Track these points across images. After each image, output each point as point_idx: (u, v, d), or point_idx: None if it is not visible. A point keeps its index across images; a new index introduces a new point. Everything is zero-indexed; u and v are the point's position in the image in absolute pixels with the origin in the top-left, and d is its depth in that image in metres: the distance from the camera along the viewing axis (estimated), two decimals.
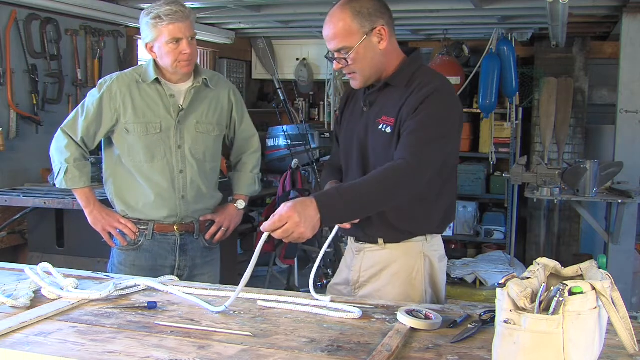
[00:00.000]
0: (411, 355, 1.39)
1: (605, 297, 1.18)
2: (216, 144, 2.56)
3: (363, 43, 1.86)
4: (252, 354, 1.36)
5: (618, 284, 1.24)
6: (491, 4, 4.43)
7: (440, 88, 1.86)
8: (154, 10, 2.32)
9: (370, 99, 1.98)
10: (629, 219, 4.19)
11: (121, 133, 2.42)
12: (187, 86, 2.46)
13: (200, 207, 2.52)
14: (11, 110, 3.87)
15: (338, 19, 1.86)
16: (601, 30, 5.65)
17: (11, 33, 3.87)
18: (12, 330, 1.48)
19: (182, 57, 2.35)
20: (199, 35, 5.62)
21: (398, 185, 1.75)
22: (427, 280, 2.00)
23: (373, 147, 1.95)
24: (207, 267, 2.56)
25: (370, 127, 1.96)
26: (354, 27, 1.85)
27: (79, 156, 2.44)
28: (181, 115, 2.43)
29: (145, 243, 2.46)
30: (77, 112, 2.44)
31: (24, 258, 3.76)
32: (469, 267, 4.98)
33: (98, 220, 2.48)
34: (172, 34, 2.31)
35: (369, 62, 1.90)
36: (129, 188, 2.46)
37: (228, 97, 2.58)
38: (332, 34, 1.88)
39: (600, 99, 6.05)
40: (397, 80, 1.93)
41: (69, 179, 2.43)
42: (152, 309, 1.67)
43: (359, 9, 1.85)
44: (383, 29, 1.88)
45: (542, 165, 4.27)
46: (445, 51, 5.82)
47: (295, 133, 5.65)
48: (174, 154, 2.43)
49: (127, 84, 2.42)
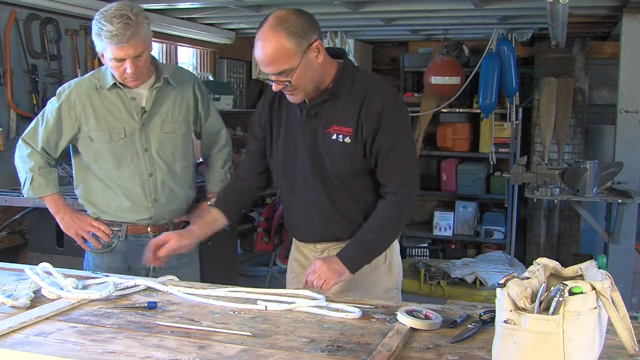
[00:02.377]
0: (411, 355, 1.39)
1: (605, 297, 1.18)
2: (185, 142, 2.49)
3: (302, 62, 1.83)
4: (252, 354, 1.36)
5: (618, 284, 1.24)
6: (491, 4, 4.43)
7: (389, 96, 1.97)
8: (98, 24, 2.19)
9: (314, 110, 1.97)
10: (629, 219, 4.18)
11: (85, 141, 2.37)
12: (148, 87, 2.38)
13: (173, 208, 2.49)
14: (11, 110, 3.87)
15: (273, 43, 1.81)
16: (601, 30, 5.65)
17: (11, 33, 3.87)
18: (12, 330, 1.48)
19: (127, 76, 2.26)
20: (198, 35, 5.64)
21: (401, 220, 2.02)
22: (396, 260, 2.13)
23: (331, 156, 1.97)
24: (183, 268, 2.49)
25: (321, 138, 1.97)
26: (292, 47, 1.81)
27: (44, 164, 2.39)
28: (145, 118, 2.37)
29: (118, 245, 2.43)
30: (38, 121, 2.39)
31: (24, 258, 3.76)
32: (469, 267, 4.98)
33: (70, 225, 2.44)
34: (114, 54, 2.20)
35: (309, 79, 1.89)
36: (100, 193, 2.42)
37: (193, 92, 2.50)
38: (269, 59, 1.83)
39: (600, 99, 6.04)
40: (340, 90, 1.95)
41: (36, 188, 2.39)
42: (152, 309, 1.67)
43: (292, 28, 1.81)
44: (319, 44, 1.87)
45: (542, 165, 4.27)
46: (445, 51, 5.82)
47: None
48: (141, 157, 2.38)
49: (86, 91, 2.35)
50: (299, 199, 2.08)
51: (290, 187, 2.09)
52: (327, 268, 1.90)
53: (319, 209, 2.04)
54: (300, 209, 2.10)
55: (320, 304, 1.69)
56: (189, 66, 6.17)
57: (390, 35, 6.36)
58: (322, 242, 2.11)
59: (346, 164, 1.97)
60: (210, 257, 4.13)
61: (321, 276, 1.88)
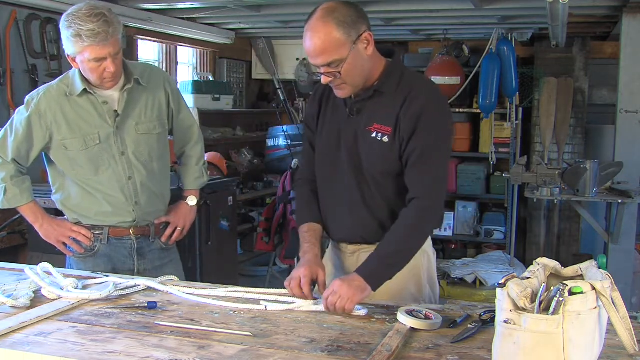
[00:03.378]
0: (411, 355, 1.39)
1: (605, 297, 1.18)
2: (160, 141, 2.46)
3: (352, 53, 1.81)
4: (252, 354, 1.37)
5: (618, 284, 1.24)
6: (491, 4, 4.43)
7: (432, 97, 1.90)
8: (74, 25, 2.12)
9: (358, 106, 1.95)
10: (629, 219, 4.18)
11: (59, 150, 2.32)
12: (119, 89, 2.32)
13: (154, 210, 2.46)
14: (11, 110, 3.86)
15: (323, 33, 1.79)
16: (601, 30, 5.65)
17: (11, 33, 3.87)
18: (12, 330, 1.48)
19: (106, 75, 2.21)
20: (198, 35, 5.64)
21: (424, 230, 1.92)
22: (426, 275, 2.02)
23: (367, 154, 1.94)
24: (167, 268, 2.46)
25: (361, 135, 1.94)
26: (341, 38, 1.79)
27: (16, 173, 2.33)
28: (118, 121, 2.32)
29: (101, 248, 2.39)
30: (7, 131, 2.33)
31: (24, 258, 3.76)
32: (469, 267, 4.98)
33: (50, 232, 2.41)
34: (95, 54, 2.14)
35: (359, 71, 1.86)
36: (80, 199, 2.38)
37: (164, 89, 2.45)
38: (319, 49, 1.80)
39: (600, 99, 6.04)
40: (385, 87, 1.92)
41: (10, 198, 2.34)
42: (152, 309, 1.67)
43: (342, 18, 1.79)
44: (369, 34, 1.84)
45: (542, 165, 4.27)
46: (445, 51, 5.82)
47: (295, 133, 5.65)
48: (119, 161, 2.34)
49: (56, 99, 2.30)
50: (332, 193, 2.06)
51: (327, 181, 2.07)
52: (347, 286, 1.74)
53: (350, 206, 2.00)
54: (332, 204, 2.06)
55: (320, 304, 1.69)
56: (189, 66, 6.17)
57: (390, 35, 6.36)
58: (352, 242, 2.04)
59: (381, 163, 1.92)
60: (210, 257, 4.14)
61: (343, 296, 1.72)
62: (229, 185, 4.49)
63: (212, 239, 4.13)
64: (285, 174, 5.01)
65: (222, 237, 4.28)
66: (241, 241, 5.66)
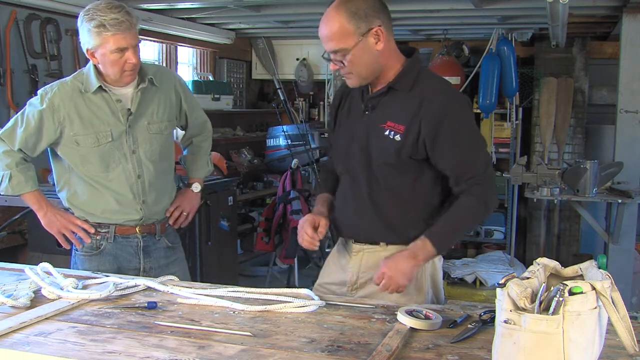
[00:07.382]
0: (411, 355, 1.39)
1: (605, 297, 1.18)
2: (168, 140, 2.49)
3: (359, 45, 1.83)
4: (252, 354, 1.36)
5: (618, 284, 1.24)
6: (491, 4, 4.43)
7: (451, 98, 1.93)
8: (96, 17, 2.18)
9: (373, 102, 1.97)
10: (629, 219, 4.19)
11: (70, 145, 2.32)
12: (133, 88, 2.35)
13: (160, 208, 2.48)
14: (11, 110, 3.86)
15: (333, 20, 1.83)
16: (601, 30, 5.65)
17: (11, 33, 3.87)
18: (12, 330, 1.48)
19: (127, 67, 2.24)
20: (198, 35, 5.65)
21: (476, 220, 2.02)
22: (429, 280, 2.01)
23: (378, 151, 1.94)
24: (172, 267, 2.48)
25: (373, 131, 1.95)
26: (350, 28, 1.82)
27: (20, 160, 2.34)
28: (131, 120, 2.34)
29: (107, 247, 2.40)
30: (17, 121, 2.33)
31: (24, 258, 3.75)
32: (469, 267, 4.98)
33: (53, 222, 2.39)
34: (118, 43, 2.19)
35: (365, 64, 1.88)
36: (87, 196, 2.37)
37: (175, 90, 2.49)
38: (327, 36, 1.85)
39: (600, 99, 6.04)
40: (400, 85, 1.92)
41: (15, 185, 2.34)
42: (152, 309, 1.67)
43: (354, 9, 1.82)
44: (380, 30, 1.85)
45: (542, 165, 4.27)
46: (445, 51, 5.82)
47: (295, 133, 5.65)
48: (129, 159, 2.35)
49: (70, 95, 2.30)
50: (343, 187, 2.08)
51: (341, 174, 2.09)
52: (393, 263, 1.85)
53: (357, 200, 2.01)
54: (342, 197, 2.08)
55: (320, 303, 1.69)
56: (189, 66, 6.17)
57: None
58: (357, 240, 2.05)
59: (391, 161, 1.93)
60: (210, 257, 4.14)
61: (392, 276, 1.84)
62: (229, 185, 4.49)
63: (212, 239, 4.13)
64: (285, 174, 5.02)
65: (222, 237, 4.27)
66: (241, 241, 5.66)
